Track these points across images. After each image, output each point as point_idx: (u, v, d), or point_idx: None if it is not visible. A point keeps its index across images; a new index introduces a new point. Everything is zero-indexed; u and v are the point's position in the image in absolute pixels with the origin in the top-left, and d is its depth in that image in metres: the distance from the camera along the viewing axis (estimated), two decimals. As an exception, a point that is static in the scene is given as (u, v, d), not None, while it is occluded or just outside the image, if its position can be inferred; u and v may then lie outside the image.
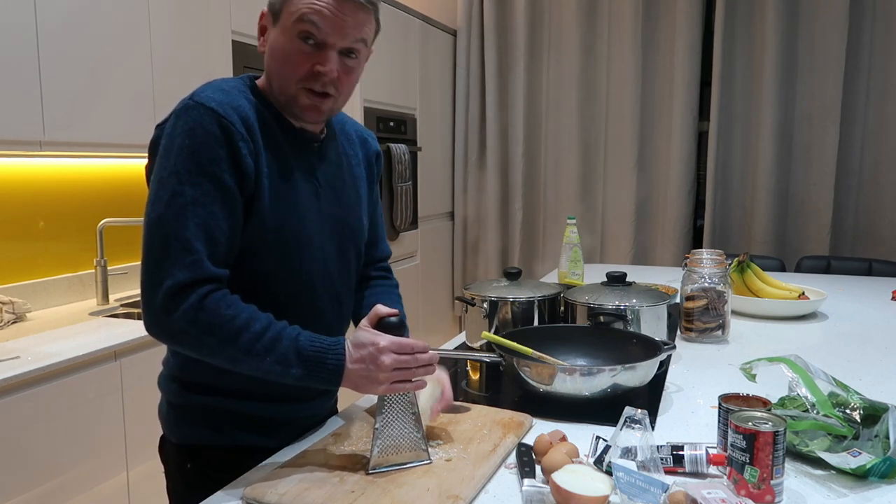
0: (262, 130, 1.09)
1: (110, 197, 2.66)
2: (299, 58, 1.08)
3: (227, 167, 1.03)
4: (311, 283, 1.17)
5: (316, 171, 1.19)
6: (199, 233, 1.01)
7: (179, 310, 0.99)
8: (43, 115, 2.05)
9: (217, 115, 1.03)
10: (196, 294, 0.99)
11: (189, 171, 1.01)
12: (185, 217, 1.00)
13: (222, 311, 1.00)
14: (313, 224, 1.16)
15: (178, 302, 0.99)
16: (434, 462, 1.06)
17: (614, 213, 4.29)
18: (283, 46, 1.09)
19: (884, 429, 1.07)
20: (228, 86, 1.10)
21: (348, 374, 1.03)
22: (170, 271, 0.99)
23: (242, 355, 1.01)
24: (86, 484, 1.93)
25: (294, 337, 1.03)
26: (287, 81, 1.10)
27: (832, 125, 3.76)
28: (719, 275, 1.84)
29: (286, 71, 1.10)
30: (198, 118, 1.02)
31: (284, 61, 1.09)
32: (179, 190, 1.01)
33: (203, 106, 1.03)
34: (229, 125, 1.03)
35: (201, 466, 1.16)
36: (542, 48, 4.38)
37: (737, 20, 3.93)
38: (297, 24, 1.06)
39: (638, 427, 1.03)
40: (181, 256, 0.99)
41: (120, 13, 2.28)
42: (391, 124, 3.76)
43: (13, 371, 1.72)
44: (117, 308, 2.50)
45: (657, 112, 4.17)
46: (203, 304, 0.99)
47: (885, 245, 3.75)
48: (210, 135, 1.02)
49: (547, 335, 1.51)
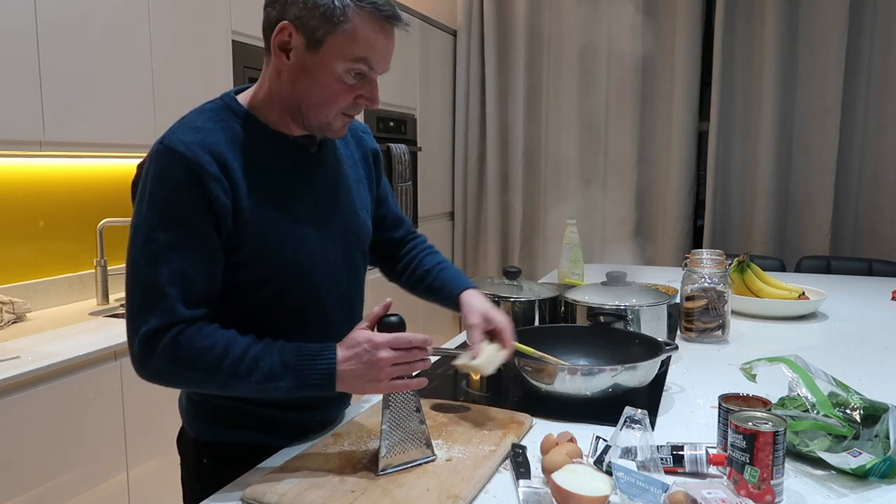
0: (243, 158, 1.07)
1: (110, 197, 2.66)
2: (345, 91, 1.06)
3: (198, 210, 1.02)
4: (318, 295, 1.17)
5: (314, 179, 1.17)
6: (173, 278, 1.01)
7: (156, 353, 1.01)
8: (43, 115, 2.05)
9: (185, 159, 1.01)
10: (169, 335, 1.01)
11: (160, 218, 1.02)
12: (158, 263, 1.01)
13: (197, 344, 1.01)
14: (315, 237, 1.15)
15: (153, 346, 1.01)
16: (434, 462, 1.06)
17: (614, 212, 4.29)
18: (325, 81, 1.05)
19: (884, 429, 1.07)
20: (203, 119, 1.07)
21: (343, 376, 1.02)
22: (146, 318, 1.01)
23: (229, 380, 1.02)
24: (86, 484, 1.93)
25: (278, 349, 1.03)
26: (326, 111, 1.08)
27: (832, 125, 3.76)
28: (719, 275, 1.84)
29: (326, 103, 1.07)
30: (165, 164, 1.02)
31: (327, 95, 1.06)
32: (151, 237, 1.02)
33: (171, 150, 1.02)
34: (198, 168, 1.01)
35: (216, 462, 1.17)
36: (542, 48, 4.38)
37: (737, 20, 3.93)
38: (351, 64, 1.03)
39: (638, 427, 1.03)
40: (155, 303, 1.01)
41: (120, 13, 2.28)
42: (391, 124, 3.76)
43: (13, 371, 1.72)
44: (117, 308, 2.49)
45: (657, 112, 4.17)
46: (178, 342, 1.01)
47: (885, 245, 3.75)
48: (178, 180, 1.01)
49: (547, 335, 1.50)
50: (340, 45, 1.02)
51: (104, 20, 2.23)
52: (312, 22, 1.01)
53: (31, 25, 2.01)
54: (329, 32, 1.02)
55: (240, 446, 1.16)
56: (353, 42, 1.02)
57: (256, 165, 1.08)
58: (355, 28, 1.02)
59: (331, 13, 1.01)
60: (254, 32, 2.76)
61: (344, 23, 1.01)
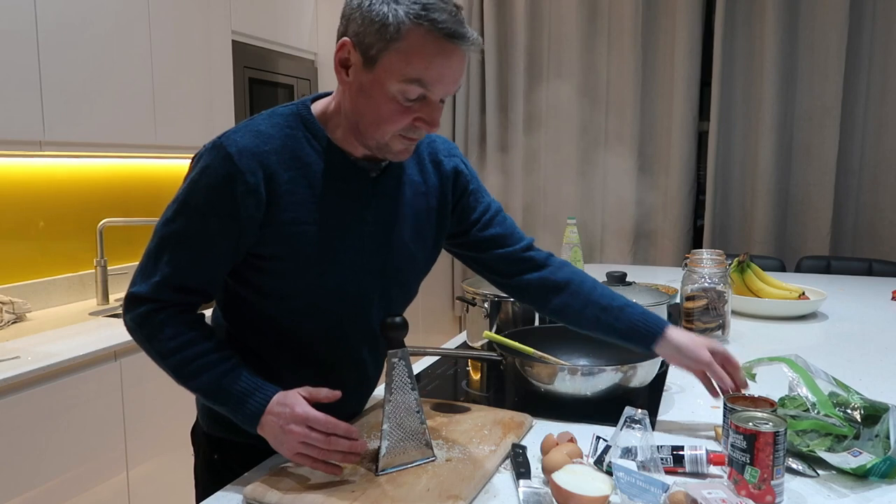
0: (297, 171, 1.05)
1: (110, 197, 2.66)
2: (401, 113, 1.01)
3: (223, 214, 1.03)
4: (340, 321, 1.15)
5: (366, 206, 1.12)
6: (172, 262, 1.05)
7: (129, 313, 1.08)
8: (43, 115, 2.05)
9: (230, 162, 1.01)
10: (146, 307, 1.07)
11: (187, 205, 1.05)
12: (167, 244, 1.06)
13: (164, 329, 1.06)
14: (349, 264, 1.11)
15: (131, 307, 1.08)
16: (434, 462, 1.06)
17: (614, 213, 4.29)
18: (380, 101, 1.00)
19: (884, 429, 1.07)
20: (268, 125, 1.06)
21: (264, 425, 1.02)
22: (138, 279, 1.08)
23: (171, 373, 1.07)
24: (86, 484, 1.93)
25: (223, 372, 1.05)
26: (383, 132, 1.03)
27: (832, 125, 3.76)
28: (719, 275, 1.84)
29: (384, 124, 1.02)
30: (213, 160, 1.03)
31: (383, 115, 1.01)
32: (173, 218, 1.06)
33: (223, 149, 1.02)
34: (239, 175, 1.01)
35: (225, 459, 1.19)
36: (542, 48, 4.38)
37: (737, 20, 3.93)
38: (405, 85, 0.98)
39: (638, 427, 1.03)
40: (150, 273, 1.07)
41: (120, 13, 2.28)
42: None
43: (13, 371, 1.72)
44: (117, 308, 2.49)
45: (657, 112, 4.17)
46: (150, 317, 1.07)
47: (885, 245, 3.75)
48: (215, 180, 1.02)
49: (547, 335, 1.50)
50: (394, 63, 0.97)
51: (104, 20, 2.23)
52: (368, 39, 0.98)
53: (31, 25, 2.01)
54: (383, 50, 0.97)
55: (250, 447, 1.15)
56: (406, 61, 0.97)
57: (308, 180, 1.06)
58: (410, 46, 0.96)
59: (385, 30, 0.96)
60: (254, 32, 2.77)
61: (398, 40, 0.96)
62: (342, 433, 0.99)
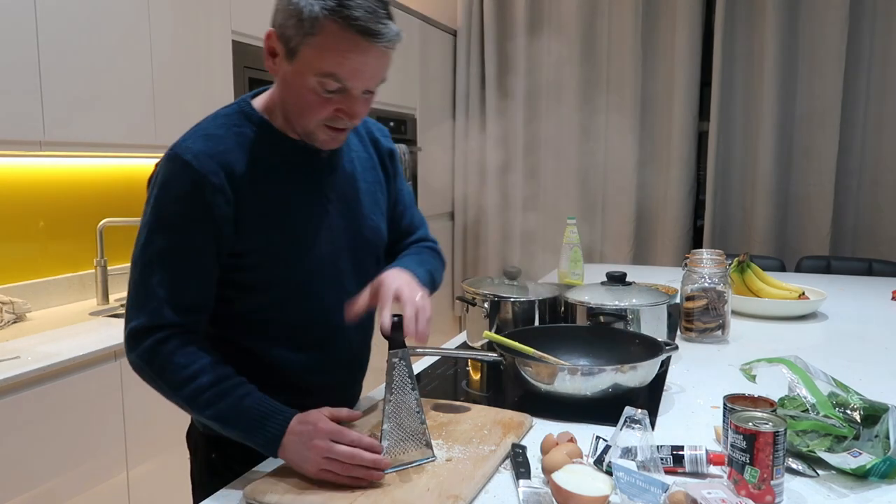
0: (253, 166, 1.07)
1: (110, 197, 2.66)
2: (321, 104, 1.03)
3: (197, 220, 1.04)
4: (326, 304, 1.17)
5: (325, 184, 1.16)
6: (164, 282, 1.04)
7: (135, 351, 1.06)
8: (43, 115, 2.05)
9: (190, 168, 1.02)
10: (152, 338, 1.04)
11: (160, 223, 1.05)
12: (153, 266, 1.05)
13: (174, 360, 1.04)
14: (323, 243, 1.14)
15: (135, 343, 1.05)
16: (434, 462, 1.06)
17: (614, 212, 4.29)
18: (301, 91, 1.02)
19: (884, 429, 1.07)
20: (215, 126, 1.08)
21: (285, 446, 1.01)
22: (134, 314, 1.06)
23: (185, 404, 1.06)
24: (86, 484, 1.93)
25: (240, 396, 1.04)
26: (306, 121, 1.06)
27: (832, 125, 3.76)
28: (719, 275, 1.84)
29: (305, 113, 1.04)
30: (172, 172, 1.04)
31: (304, 105, 1.04)
32: (150, 240, 1.05)
33: (179, 158, 1.03)
34: (202, 178, 1.02)
35: (225, 457, 1.19)
36: (542, 48, 4.38)
37: (737, 20, 3.93)
38: (321, 78, 0.99)
39: (638, 427, 1.03)
40: (144, 302, 1.05)
41: (120, 13, 2.28)
42: (391, 124, 3.75)
43: (13, 371, 1.72)
44: (117, 308, 2.49)
45: (657, 112, 4.17)
46: (157, 350, 1.04)
47: (885, 245, 3.75)
48: (181, 190, 1.03)
49: (548, 335, 1.50)
50: (310, 57, 0.99)
51: (104, 20, 2.23)
52: (289, 31, 0.99)
53: (31, 25, 2.01)
54: (300, 43, 0.98)
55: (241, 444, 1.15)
56: (320, 56, 0.98)
57: (267, 172, 1.09)
58: (324, 41, 0.97)
59: (301, 23, 0.97)
60: (254, 32, 2.76)
61: (313, 35, 0.97)
62: (366, 447, 0.98)
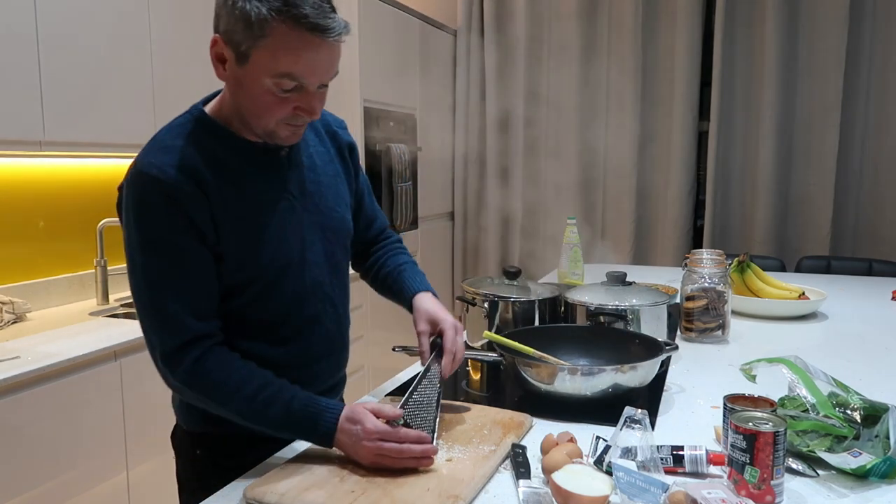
0: (216, 170, 1.07)
1: (110, 197, 2.64)
2: (278, 104, 1.03)
3: (182, 230, 1.04)
4: (300, 297, 1.18)
5: (288, 182, 1.16)
6: (175, 299, 1.04)
7: (176, 373, 1.05)
8: (43, 115, 2.05)
9: (159, 182, 1.02)
10: (189, 356, 1.04)
11: (148, 243, 1.04)
12: (159, 287, 1.04)
13: (213, 377, 1.05)
14: (293, 238, 1.16)
15: (173, 365, 1.05)
16: (434, 462, 1.06)
17: (614, 213, 4.29)
18: (256, 94, 1.02)
19: (884, 429, 1.07)
20: (171, 137, 1.08)
21: (338, 441, 1.05)
22: (160, 337, 1.05)
23: (235, 417, 1.07)
24: (86, 484, 1.93)
25: (287, 401, 1.06)
26: (265, 122, 1.06)
27: (832, 125, 3.76)
28: (719, 275, 1.84)
29: (264, 114, 1.05)
30: (142, 190, 1.04)
31: (262, 107, 1.04)
32: (144, 262, 1.04)
33: (145, 175, 1.03)
34: (173, 190, 1.02)
35: (209, 453, 1.20)
36: (542, 48, 4.38)
37: (737, 20, 3.93)
38: (277, 79, 1.00)
39: (638, 427, 1.03)
40: (165, 323, 1.04)
41: (120, 13, 2.28)
42: (391, 124, 3.75)
43: (13, 371, 1.72)
44: (117, 308, 2.50)
45: (657, 112, 4.17)
46: (195, 370, 1.05)
47: (885, 245, 3.75)
48: (156, 205, 1.03)
49: (548, 335, 1.50)
50: (263, 60, 0.99)
51: (104, 20, 2.23)
52: (237, 36, 0.99)
53: (31, 25, 2.01)
54: (252, 47, 0.98)
55: (231, 436, 1.16)
56: (274, 58, 0.98)
57: (229, 175, 1.09)
58: (276, 43, 0.97)
59: (250, 27, 0.97)
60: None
61: (263, 37, 0.97)
62: (413, 440, 1.03)
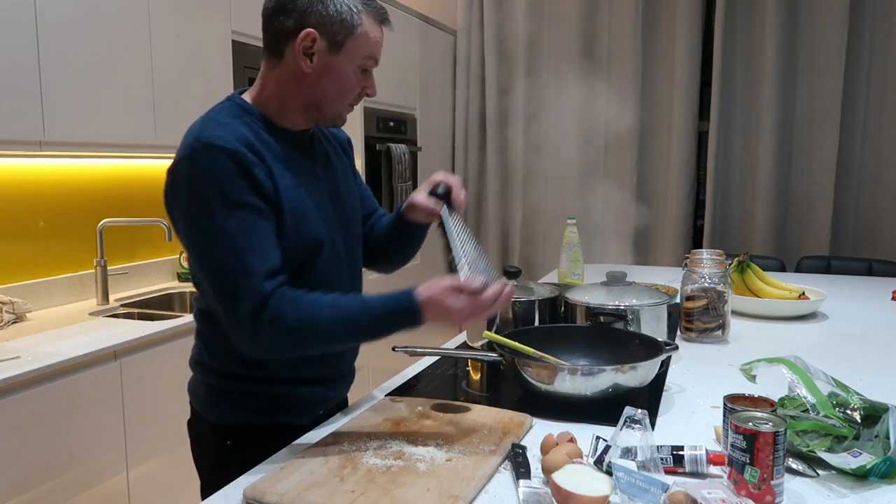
0: (265, 148, 1.16)
1: (110, 197, 2.66)
2: (357, 85, 1.22)
3: (251, 192, 1.11)
4: (329, 277, 1.25)
5: (315, 170, 1.27)
6: (255, 258, 1.10)
7: (264, 329, 1.09)
8: (43, 115, 2.05)
9: (226, 150, 1.10)
10: (267, 310, 1.08)
11: (224, 207, 1.09)
12: (239, 249, 1.09)
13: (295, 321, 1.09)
14: (326, 221, 1.24)
15: (258, 324, 1.09)
16: (434, 462, 1.06)
17: (614, 213, 4.29)
18: (347, 76, 1.20)
19: (884, 429, 1.07)
20: (224, 116, 1.17)
21: (428, 319, 1.12)
22: (241, 302, 1.08)
23: (336, 343, 1.19)
24: (86, 484, 1.93)
25: (372, 309, 1.12)
26: (342, 104, 1.23)
27: (832, 125, 3.76)
28: (719, 275, 1.84)
29: (344, 95, 1.22)
30: (211, 159, 1.09)
31: (346, 88, 1.21)
32: (222, 227, 1.09)
33: (211, 146, 1.09)
34: (240, 156, 1.10)
35: (240, 443, 1.24)
36: (542, 48, 4.38)
37: (737, 20, 3.93)
38: (364, 61, 1.20)
39: (638, 427, 1.03)
40: (246, 285, 1.08)
41: (120, 13, 2.28)
42: (391, 124, 3.76)
43: (13, 371, 1.72)
44: (117, 308, 2.50)
45: (657, 112, 4.17)
46: (277, 315, 1.08)
47: (885, 245, 3.75)
48: (227, 171, 1.09)
49: (548, 335, 1.51)
50: (358, 46, 1.18)
51: (104, 20, 2.23)
52: (334, 28, 1.16)
53: (31, 25, 2.01)
54: (349, 35, 1.17)
55: (261, 427, 1.23)
56: (366, 43, 1.19)
57: (274, 153, 1.18)
58: (367, 31, 1.18)
59: (350, 20, 1.17)
60: (254, 32, 2.76)
61: (359, 26, 1.17)
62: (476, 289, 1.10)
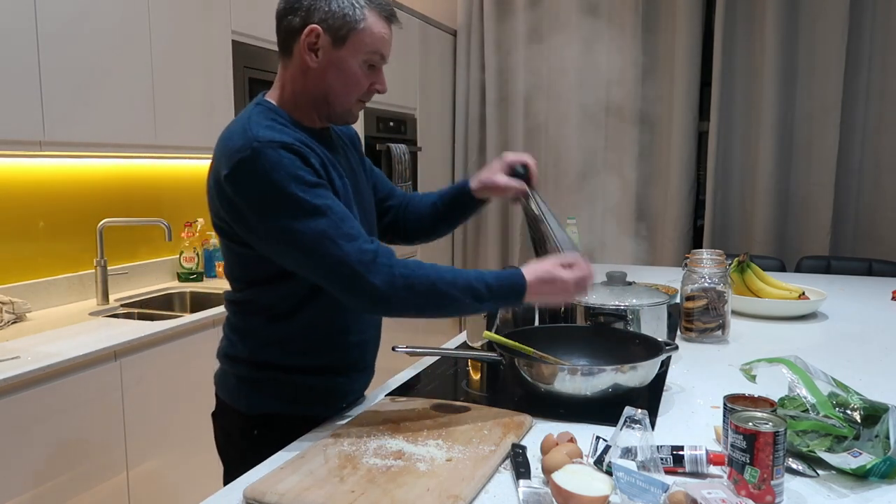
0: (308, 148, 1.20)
1: (110, 197, 2.66)
2: (364, 80, 1.25)
3: (318, 176, 1.18)
4: None
5: (338, 164, 1.30)
6: (350, 222, 1.16)
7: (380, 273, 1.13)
8: (43, 115, 2.05)
9: (285, 145, 1.15)
10: (383, 263, 1.13)
11: (304, 191, 1.13)
12: (334, 221, 1.13)
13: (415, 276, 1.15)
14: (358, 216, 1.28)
15: (381, 270, 1.13)
16: (434, 462, 1.06)
17: (614, 212, 4.29)
18: (352, 71, 1.23)
19: (884, 429, 1.07)
20: (262, 119, 1.20)
21: (533, 298, 1.22)
22: (357, 264, 1.12)
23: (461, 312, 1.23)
24: (86, 484, 1.93)
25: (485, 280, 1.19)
26: (349, 99, 1.26)
27: (832, 125, 3.77)
28: (719, 275, 1.84)
29: (351, 91, 1.25)
30: (272, 155, 1.13)
31: (352, 84, 1.24)
32: (311, 208, 1.13)
33: (270, 143, 1.14)
34: (299, 149, 1.16)
35: (268, 432, 1.26)
36: (542, 48, 4.38)
37: (737, 20, 3.93)
38: (369, 55, 1.23)
39: (638, 427, 1.03)
40: (353, 242, 1.13)
41: (120, 13, 2.28)
42: (391, 124, 3.76)
43: (13, 371, 1.72)
44: (117, 308, 2.50)
45: (657, 112, 4.17)
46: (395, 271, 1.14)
47: (885, 245, 3.75)
48: (293, 161, 1.14)
49: (548, 335, 1.51)
50: (361, 41, 1.21)
51: (104, 20, 2.23)
52: (337, 23, 1.20)
53: (31, 25, 2.01)
54: (352, 30, 1.20)
55: (291, 417, 1.26)
56: (370, 38, 1.22)
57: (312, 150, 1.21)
58: (370, 26, 1.22)
59: (352, 15, 1.20)
60: (254, 32, 2.77)
61: (362, 21, 1.21)
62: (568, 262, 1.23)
